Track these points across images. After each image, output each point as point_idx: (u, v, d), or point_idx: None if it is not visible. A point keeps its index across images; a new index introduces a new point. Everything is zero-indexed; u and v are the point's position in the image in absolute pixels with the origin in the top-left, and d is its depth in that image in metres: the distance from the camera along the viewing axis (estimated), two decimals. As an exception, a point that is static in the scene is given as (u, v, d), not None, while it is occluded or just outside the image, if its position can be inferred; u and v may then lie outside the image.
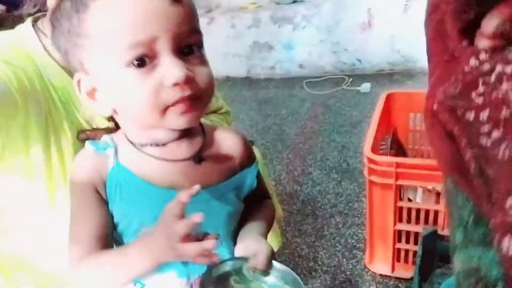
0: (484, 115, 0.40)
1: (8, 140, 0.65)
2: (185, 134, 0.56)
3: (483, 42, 0.52)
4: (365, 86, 2.62)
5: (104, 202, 0.56)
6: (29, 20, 0.76)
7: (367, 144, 1.12)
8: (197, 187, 0.49)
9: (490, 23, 0.50)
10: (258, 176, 0.65)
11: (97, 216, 0.56)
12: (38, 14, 0.78)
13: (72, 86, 0.72)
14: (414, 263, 1.22)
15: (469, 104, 0.43)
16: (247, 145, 0.64)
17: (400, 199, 1.13)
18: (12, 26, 0.77)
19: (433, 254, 1.07)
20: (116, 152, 0.57)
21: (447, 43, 0.63)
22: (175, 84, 0.48)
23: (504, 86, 0.40)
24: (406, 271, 1.22)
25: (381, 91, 2.67)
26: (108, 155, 0.57)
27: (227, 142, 0.62)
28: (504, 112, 0.38)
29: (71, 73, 0.70)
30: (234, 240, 0.61)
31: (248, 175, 0.62)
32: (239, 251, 0.58)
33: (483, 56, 0.47)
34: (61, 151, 0.73)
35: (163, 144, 0.56)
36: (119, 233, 0.59)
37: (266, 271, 0.56)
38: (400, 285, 1.22)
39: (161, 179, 0.56)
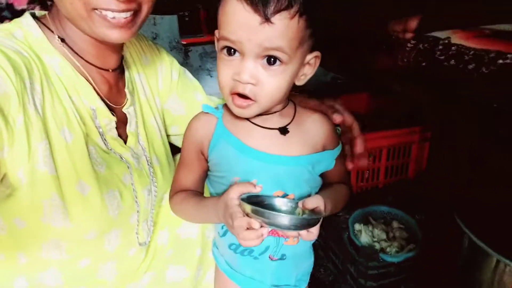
0: (452, 62, 0.78)
1: (10, 137, 0.63)
2: (278, 109, 0.70)
3: (408, 34, 0.92)
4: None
5: (202, 157, 0.73)
6: (28, 14, 0.75)
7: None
8: (259, 188, 0.65)
9: (413, 24, 0.91)
10: (338, 163, 0.76)
11: (194, 168, 0.74)
12: (32, 10, 0.78)
13: (78, 79, 0.76)
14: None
15: (436, 58, 0.80)
16: (333, 132, 0.75)
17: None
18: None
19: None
20: (222, 115, 0.72)
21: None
22: (234, 80, 0.62)
23: (453, 47, 0.79)
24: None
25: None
26: (216, 117, 0.72)
27: (315, 125, 0.73)
28: (466, 58, 0.76)
29: (73, 67, 0.75)
30: None
31: (327, 156, 0.73)
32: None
33: (412, 41, 0.86)
34: (69, 146, 0.72)
35: (259, 114, 0.68)
36: (210, 181, 0.76)
37: (309, 209, 0.64)
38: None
39: (252, 141, 0.70)
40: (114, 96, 0.83)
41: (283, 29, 0.59)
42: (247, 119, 0.69)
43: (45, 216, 0.70)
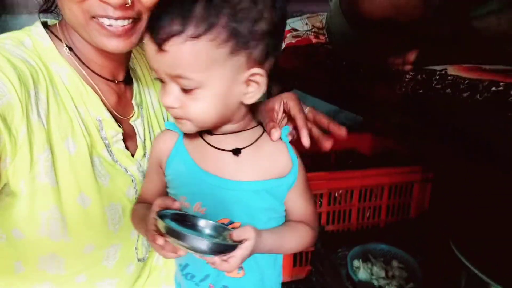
0: (448, 90, 0.80)
1: (12, 148, 0.62)
2: (233, 130, 0.68)
3: (407, 66, 0.95)
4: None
5: (161, 172, 0.73)
6: (38, 22, 0.76)
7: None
8: (177, 204, 0.59)
9: (412, 57, 0.94)
10: (299, 199, 0.71)
11: (153, 181, 0.75)
12: (44, 18, 0.78)
13: (85, 89, 0.76)
14: (306, 264, 1.52)
15: (433, 87, 0.82)
16: (294, 162, 0.70)
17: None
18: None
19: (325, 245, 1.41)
20: (184, 133, 0.71)
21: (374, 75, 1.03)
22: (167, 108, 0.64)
23: (449, 77, 0.82)
24: (301, 273, 1.50)
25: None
26: (178, 134, 0.71)
27: (276, 152, 0.70)
28: (462, 86, 0.78)
29: (80, 76, 0.75)
30: None
31: (279, 184, 0.69)
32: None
33: (411, 72, 0.89)
34: (72, 157, 0.71)
35: (214, 134, 0.68)
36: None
37: (235, 242, 0.58)
38: (300, 286, 1.48)
39: (205, 162, 0.68)
40: (121, 107, 0.83)
41: (177, 55, 0.57)
42: (203, 139, 0.69)
43: (43, 229, 0.69)
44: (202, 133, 0.69)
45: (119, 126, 0.80)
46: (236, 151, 0.67)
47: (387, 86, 0.94)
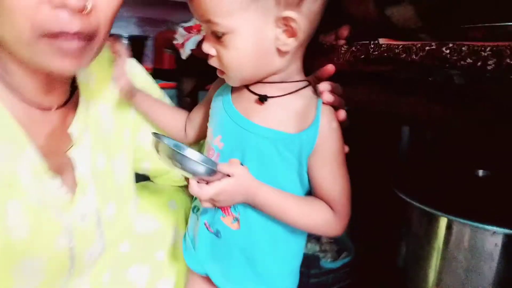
0: (385, 55, 0.89)
1: None
2: (274, 80, 0.65)
3: (341, 41, 1.03)
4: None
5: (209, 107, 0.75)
6: None
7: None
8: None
9: (345, 32, 1.02)
10: (324, 170, 0.62)
11: (200, 107, 0.80)
12: None
13: (9, 122, 0.64)
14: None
15: (371, 53, 0.91)
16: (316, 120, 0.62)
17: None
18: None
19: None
20: None
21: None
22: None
23: (383, 46, 0.91)
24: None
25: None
26: None
27: (310, 109, 0.63)
28: (397, 50, 0.87)
29: (7, 109, 0.64)
30: None
31: (297, 138, 0.62)
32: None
33: (345, 46, 0.97)
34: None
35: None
36: None
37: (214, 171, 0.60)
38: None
39: (238, 100, 0.68)
40: (56, 138, 0.71)
41: (203, 1, 0.59)
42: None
43: None
44: None
45: (49, 168, 0.68)
46: (262, 98, 0.64)
47: (324, 60, 1.00)
